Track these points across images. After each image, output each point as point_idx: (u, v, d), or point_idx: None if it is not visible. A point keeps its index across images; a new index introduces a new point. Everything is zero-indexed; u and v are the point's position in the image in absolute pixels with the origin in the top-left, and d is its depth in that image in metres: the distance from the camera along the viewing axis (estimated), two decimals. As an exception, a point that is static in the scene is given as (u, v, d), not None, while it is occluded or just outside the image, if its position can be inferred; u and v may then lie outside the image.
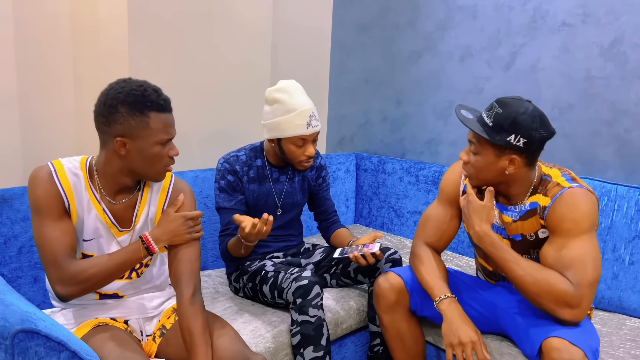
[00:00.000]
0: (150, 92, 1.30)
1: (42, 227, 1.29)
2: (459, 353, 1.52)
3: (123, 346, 1.30)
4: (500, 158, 1.50)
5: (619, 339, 1.73)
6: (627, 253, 1.94)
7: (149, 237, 1.38)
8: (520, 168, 1.51)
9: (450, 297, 1.59)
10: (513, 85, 2.44)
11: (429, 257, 1.70)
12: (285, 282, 1.72)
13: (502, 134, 1.46)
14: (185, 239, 1.42)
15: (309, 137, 1.82)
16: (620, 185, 1.98)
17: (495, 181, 1.57)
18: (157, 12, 2.07)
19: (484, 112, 1.53)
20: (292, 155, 1.85)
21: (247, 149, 1.96)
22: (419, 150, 2.83)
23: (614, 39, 2.13)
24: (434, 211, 1.77)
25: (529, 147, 1.46)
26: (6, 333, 1.00)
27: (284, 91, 1.82)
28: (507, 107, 1.46)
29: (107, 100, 1.29)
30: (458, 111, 1.55)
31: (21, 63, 1.83)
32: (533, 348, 1.47)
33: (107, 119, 1.29)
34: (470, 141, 1.55)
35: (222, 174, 1.88)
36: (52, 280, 1.29)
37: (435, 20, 2.69)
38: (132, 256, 1.36)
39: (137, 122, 1.29)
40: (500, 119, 1.46)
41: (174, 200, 1.47)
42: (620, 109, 2.14)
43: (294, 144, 1.83)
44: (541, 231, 1.57)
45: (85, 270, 1.30)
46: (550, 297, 1.43)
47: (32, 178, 1.32)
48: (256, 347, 1.62)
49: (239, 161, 1.90)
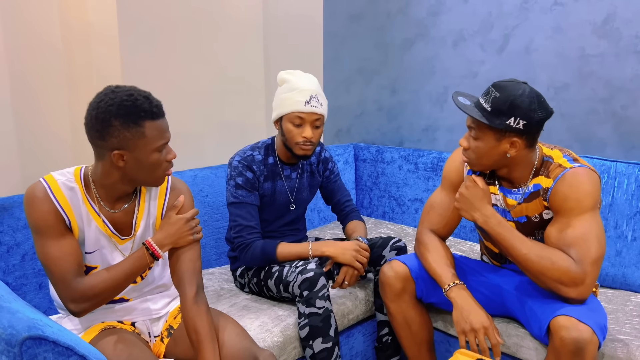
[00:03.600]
0: (141, 101, 1.26)
1: (46, 248, 1.28)
2: (472, 339, 1.52)
3: (131, 348, 1.31)
4: (501, 142, 1.50)
5: (625, 316, 1.74)
6: (630, 229, 1.94)
7: (153, 243, 1.38)
8: (521, 150, 1.51)
9: (459, 284, 1.60)
10: (507, 67, 2.44)
11: (435, 244, 1.70)
12: (290, 275, 1.72)
13: (501, 117, 1.46)
14: (189, 241, 1.41)
15: (307, 116, 1.79)
16: (619, 162, 1.98)
17: (497, 165, 1.57)
18: (146, 13, 2.06)
19: (481, 97, 1.52)
20: (290, 135, 1.82)
21: (259, 147, 1.94)
22: (417, 138, 2.83)
23: (607, 15, 2.12)
24: (438, 198, 1.77)
25: (529, 128, 1.46)
26: (14, 341, 1.00)
27: (294, 74, 1.85)
28: (504, 91, 1.46)
29: (98, 114, 1.24)
30: (455, 98, 1.54)
31: (13, 71, 1.82)
32: (541, 327, 1.48)
33: (100, 134, 1.25)
34: (470, 127, 1.54)
35: (240, 171, 1.85)
36: (63, 299, 1.29)
37: (426, 6, 2.68)
38: (138, 264, 1.36)
39: (133, 134, 1.25)
40: (498, 103, 1.46)
41: (174, 203, 1.46)
42: (616, 85, 2.14)
43: (292, 122, 1.81)
44: (545, 212, 1.58)
45: (95, 285, 1.30)
46: (553, 275, 1.43)
47: (27, 199, 1.29)
48: (264, 342, 1.63)
49: (255, 161, 1.88)
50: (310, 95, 1.79)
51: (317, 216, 2.75)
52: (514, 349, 1.69)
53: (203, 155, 2.36)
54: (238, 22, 2.42)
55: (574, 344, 1.34)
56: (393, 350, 1.93)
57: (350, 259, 1.80)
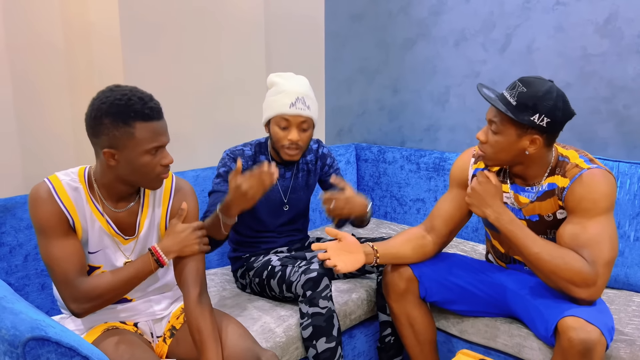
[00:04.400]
0: (134, 101, 1.26)
1: (50, 248, 1.29)
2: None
3: (134, 349, 1.31)
4: (522, 138, 1.49)
5: (627, 316, 1.74)
6: (632, 229, 1.94)
7: (158, 249, 1.38)
8: (541, 148, 1.50)
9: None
10: (509, 67, 2.43)
11: (403, 232, 1.76)
12: (293, 275, 1.72)
13: (526, 113, 1.45)
14: (195, 250, 1.41)
15: (292, 119, 1.78)
16: (621, 162, 1.98)
17: (513, 162, 1.56)
18: (148, 12, 2.06)
19: (506, 90, 1.51)
20: (276, 137, 1.82)
21: (252, 144, 1.94)
22: (419, 138, 2.83)
23: (609, 15, 2.12)
24: (442, 199, 1.78)
25: (552, 127, 1.45)
26: (17, 341, 1.00)
27: (283, 77, 1.84)
28: (531, 86, 1.45)
29: (92, 111, 1.26)
30: (481, 89, 1.53)
31: (15, 71, 1.82)
32: (548, 328, 1.47)
33: (93, 130, 1.27)
34: (491, 121, 1.53)
35: (224, 162, 1.86)
36: (65, 299, 1.29)
37: (427, 5, 2.68)
38: (142, 269, 1.36)
39: (122, 133, 1.25)
40: (524, 98, 1.45)
41: (178, 210, 1.46)
42: (618, 85, 2.13)
43: (278, 125, 1.80)
44: (559, 212, 1.57)
45: (98, 287, 1.30)
46: (565, 275, 1.42)
47: (32, 199, 1.30)
48: (266, 343, 1.62)
49: (244, 155, 1.88)
50: (296, 98, 1.77)
51: (319, 216, 2.75)
52: (517, 349, 1.69)
53: (205, 155, 2.35)
54: (240, 22, 2.42)
55: (582, 345, 1.34)
56: (395, 351, 1.93)
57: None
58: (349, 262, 1.60)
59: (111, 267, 1.41)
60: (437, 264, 1.75)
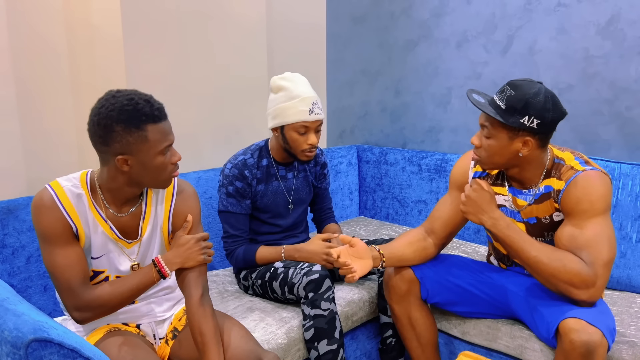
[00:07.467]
0: (142, 105, 1.25)
1: (53, 255, 1.29)
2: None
3: (136, 350, 1.31)
4: (514, 140, 1.50)
5: (630, 317, 1.73)
6: (634, 231, 1.93)
7: (162, 261, 1.38)
8: (534, 150, 1.51)
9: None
10: (511, 68, 2.43)
11: (405, 234, 1.77)
12: (295, 277, 1.72)
13: (515, 116, 1.46)
14: (199, 261, 1.41)
15: (311, 124, 1.82)
16: (623, 164, 1.97)
17: (508, 165, 1.56)
18: (150, 15, 2.06)
19: (496, 95, 1.52)
20: (295, 143, 1.84)
21: (252, 149, 1.94)
22: (420, 139, 2.83)
23: (611, 16, 2.12)
24: (442, 201, 1.78)
25: (542, 128, 1.46)
26: (19, 343, 1.00)
27: (289, 80, 1.84)
28: (519, 89, 1.46)
29: (100, 120, 1.24)
30: (470, 95, 1.54)
31: (18, 74, 1.82)
32: (549, 330, 1.47)
33: (104, 139, 1.25)
34: (483, 125, 1.54)
35: (231, 180, 1.86)
36: (68, 306, 1.30)
37: (429, 7, 2.68)
38: (145, 280, 1.37)
39: (135, 138, 1.25)
40: (513, 101, 1.46)
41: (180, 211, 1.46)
42: (620, 86, 2.13)
43: (297, 131, 1.82)
44: (556, 214, 1.57)
45: (100, 296, 1.31)
46: (564, 277, 1.42)
47: (35, 206, 1.29)
48: (268, 344, 1.63)
49: (247, 166, 1.88)
50: (312, 103, 1.80)
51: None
52: (518, 350, 1.69)
53: (207, 157, 2.36)
54: (242, 25, 2.42)
55: (584, 347, 1.34)
56: (397, 352, 1.93)
57: (319, 262, 1.80)
58: (359, 268, 1.63)
59: (115, 271, 1.41)
60: (439, 266, 1.75)
